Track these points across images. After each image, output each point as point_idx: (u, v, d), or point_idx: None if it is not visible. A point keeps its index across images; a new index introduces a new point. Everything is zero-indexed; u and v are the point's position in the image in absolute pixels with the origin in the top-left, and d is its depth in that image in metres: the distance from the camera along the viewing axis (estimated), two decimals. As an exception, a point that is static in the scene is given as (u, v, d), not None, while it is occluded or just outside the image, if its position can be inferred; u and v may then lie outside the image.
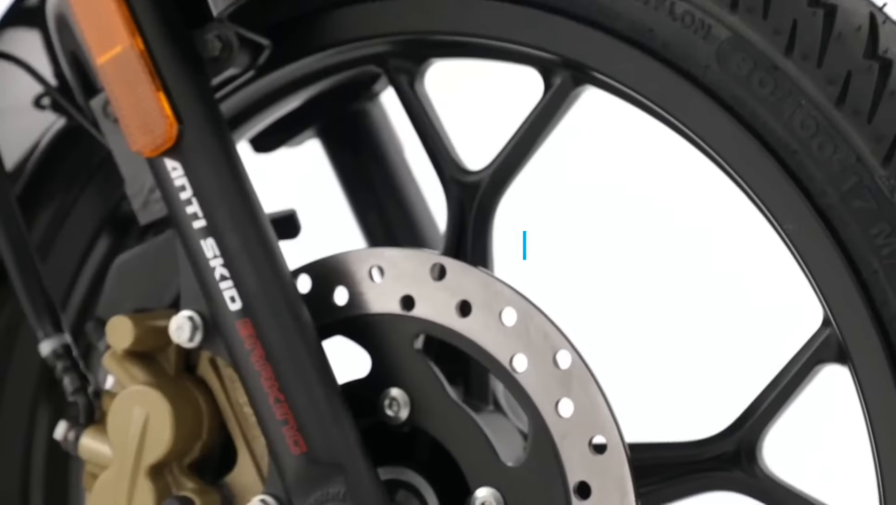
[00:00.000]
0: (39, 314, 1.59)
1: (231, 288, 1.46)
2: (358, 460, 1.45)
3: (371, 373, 1.50)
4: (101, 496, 1.53)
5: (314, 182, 2.03)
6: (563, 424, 1.42)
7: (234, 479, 1.54)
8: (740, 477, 1.42)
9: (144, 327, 1.53)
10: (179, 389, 1.53)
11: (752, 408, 1.43)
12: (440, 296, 1.47)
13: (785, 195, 1.37)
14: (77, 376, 1.58)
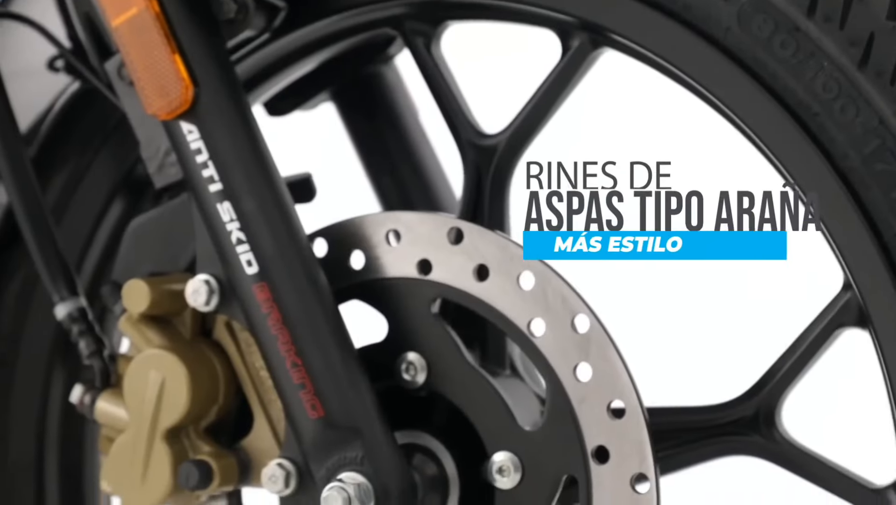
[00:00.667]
0: (55, 277, 1.59)
1: (247, 252, 1.45)
2: (375, 425, 1.44)
3: (388, 337, 1.50)
4: (118, 460, 1.53)
5: (328, 146, 2.02)
6: (581, 388, 1.41)
7: (251, 443, 1.54)
8: (759, 441, 1.42)
9: (160, 291, 1.52)
10: (195, 353, 1.52)
11: (771, 372, 1.42)
12: (457, 260, 1.46)
13: (806, 158, 1.37)
14: (93, 340, 1.58)
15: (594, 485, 1.41)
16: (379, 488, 1.43)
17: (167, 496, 1.52)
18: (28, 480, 1.78)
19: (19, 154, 1.60)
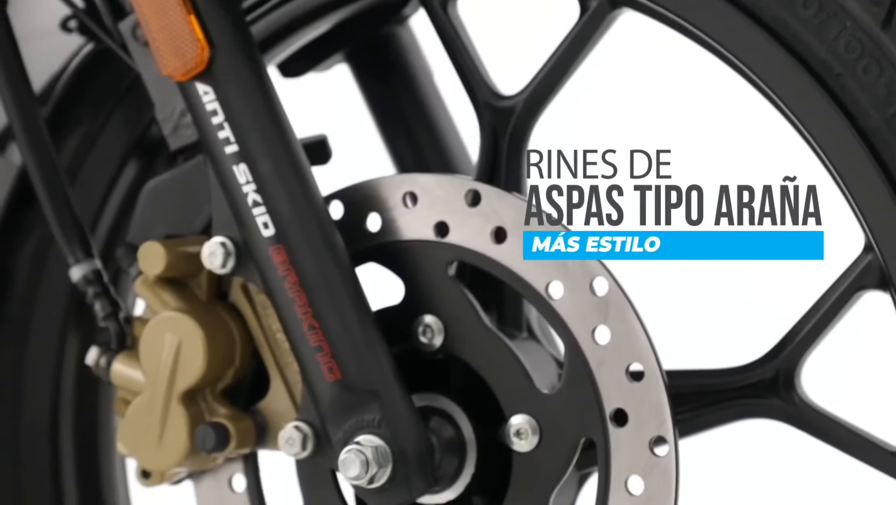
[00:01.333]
0: (69, 239, 1.58)
1: (264, 214, 1.44)
2: (392, 387, 1.44)
3: (404, 300, 1.49)
4: (134, 422, 1.53)
5: (343, 108, 2.01)
6: (599, 351, 1.41)
7: (267, 405, 1.53)
8: (778, 404, 1.41)
9: (176, 253, 1.52)
10: (212, 316, 1.52)
11: (791, 334, 1.42)
12: (474, 222, 1.46)
13: (828, 119, 1.35)
14: (108, 302, 1.57)
15: (612, 448, 1.41)
16: (396, 451, 1.42)
17: (184, 459, 1.51)
18: (43, 442, 1.78)
19: (33, 115, 1.59)
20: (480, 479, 1.49)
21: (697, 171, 1.45)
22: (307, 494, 1.55)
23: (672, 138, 1.52)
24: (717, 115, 2.62)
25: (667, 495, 1.38)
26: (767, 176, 1.39)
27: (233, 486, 1.59)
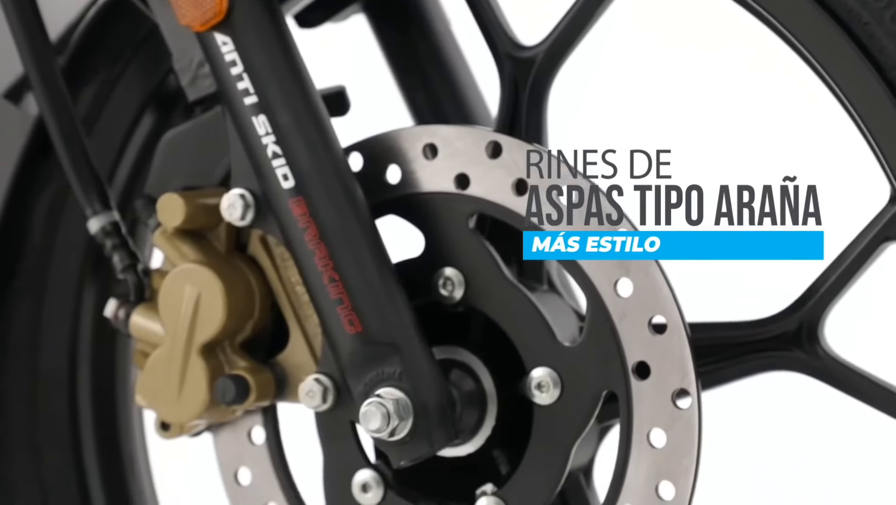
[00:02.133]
0: (87, 191, 1.57)
1: (283, 166, 1.43)
2: (413, 340, 1.43)
3: (424, 252, 1.48)
4: (153, 374, 1.52)
5: (360, 59, 2.00)
6: (622, 303, 1.40)
7: (287, 358, 1.53)
8: (801, 357, 1.40)
9: (195, 205, 1.51)
10: (231, 268, 1.51)
11: (815, 286, 1.41)
12: (495, 174, 1.45)
13: (854, 68, 1.34)
14: (126, 254, 1.57)
15: (635, 401, 1.40)
16: (417, 404, 1.42)
17: (203, 411, 1.51)
18: (61, 393, 1.78)
19: (50, 65, 1.58)
20: (501, 432, 1.49)
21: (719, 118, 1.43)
22: (327, 446, 1.54)
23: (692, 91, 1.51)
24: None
25: (689, 448, 1.38)
26: (768, 174, 1.39)
27: (252, 438, 1.59)
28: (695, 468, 1.38)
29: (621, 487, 1.41)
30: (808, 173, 1.38)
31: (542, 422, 1.44)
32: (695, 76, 2.70)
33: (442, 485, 1.53)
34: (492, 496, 1.46)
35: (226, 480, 1.61)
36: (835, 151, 1.36)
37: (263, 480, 1.59)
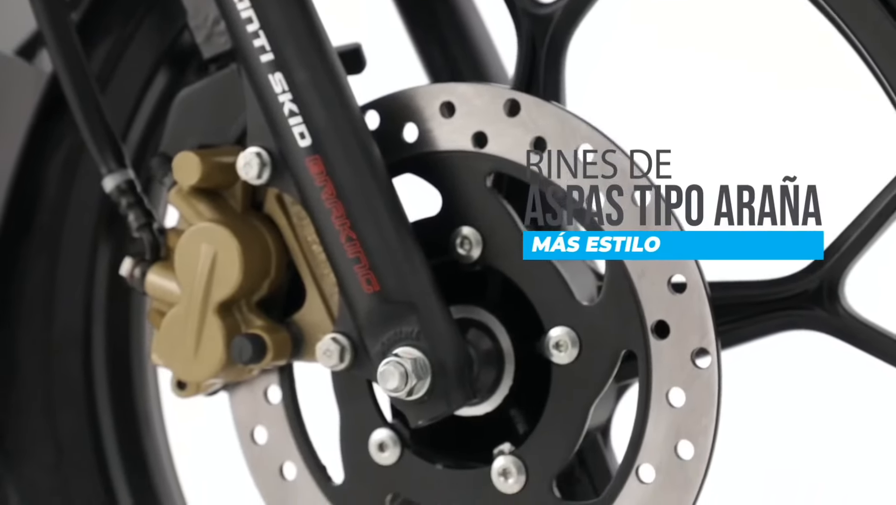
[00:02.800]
0: (102, 149, 1.56)
1: (300, 124, 1.42)
2: (431, 299, 1.43)
3: (442, 211, 1.48)
4: (169, 333, 1.52)
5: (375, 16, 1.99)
6: (641, 262, 1.39)
7: (303, 317, 1.52)
8: (822, 315, 1.39)
9: (211, 163, 1.50)
10: (247, 226, 1.51)
11: (836, 244, 1.40)
12: (514, 132, 1.44)
13: (884, 35, 1.33)
14: (142, 212, 1.56)
15: (654, 360, 1.40)
16: (435, 363, 1.41)
17: (220, 370, 1.51)
18: (76, 351, 1.78)
19: (63, 21, 1.57)
20: (518, 391, 1.49)
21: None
22: (343, 405, 1.54)
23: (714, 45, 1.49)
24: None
25: (709, 408, 1.38)
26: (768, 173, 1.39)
27: (268, 397, 1.59)
28: (714, 428, 1.38)
29: (640, 447, 1.41)
30: (807, 171, 1.38)
31: (560, 381, 1.44)
32: (719, 32, 2.68)
33: (459, 444, 1.53)
34: (509, 456, 1.46)
35: (242, 439, 1.61)
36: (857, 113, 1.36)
37: (279, 439, 1.59)
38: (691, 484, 1.39)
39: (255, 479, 1.60)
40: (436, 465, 1.51)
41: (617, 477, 1.42)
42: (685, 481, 1.39)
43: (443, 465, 1.51)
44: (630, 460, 1.41)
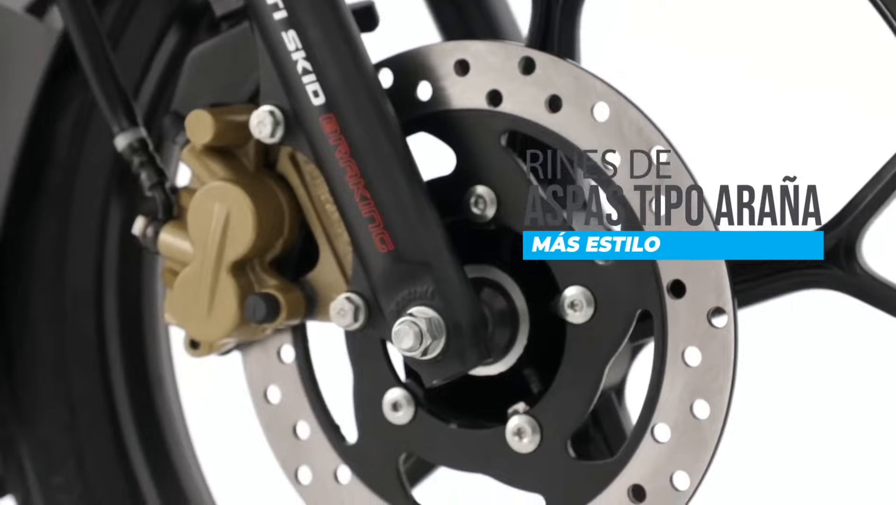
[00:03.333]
0: (114, 107, 1.55)
1: (314, 82, 1.42)
2: (445, 259, 1.42)
3: (456, 170, 1.47)
4: (182, 292, 1.51)
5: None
6: (658, 221, 1.39)
7: (316, 277, 1.52)
8: (838, 274, 1.39)
9: (224, 122, 1.49)
10: (260, 185, 1.50)
11: (853, 203, 1.39)
12: (528, 91, 1.43)
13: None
14: (154, 171, 1.55)
15: (669, 319, 1.39)
16: (450, 323, 1.41)
17: (233, 329, 1.51)
18: (88, 310, 1.77)
19: (74, -22, 1.56)
20: (532, 351, 1.48)
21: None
22: (357, 365, 1.54)
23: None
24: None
25: (725, 367, 1.37)
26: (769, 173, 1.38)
27: (281, 356, 1.58)
28: (730, 387, 1.37)
29: (655, 407, 1.40)
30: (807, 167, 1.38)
31: (574, 341, 1.43)
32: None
33: (473, 404, 1.53)
34: (524, 415, 1.46)
35: (255, 398, 1.60)
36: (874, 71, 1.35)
37: (293, 398, 1.58)
38: (707, 444, 1.38)
39: (269, 438, 1.60)
40: (450, 424, 1.51)
41: (632, 437, 1.42)
42: (701, 441, 1.38)
43: (457, 424, 1.51)
44: (645, 420, 1.41)
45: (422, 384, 1.48)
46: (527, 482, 1.47)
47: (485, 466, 1.49)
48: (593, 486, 1.44)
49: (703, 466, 1.39)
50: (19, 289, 1.77)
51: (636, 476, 1.42)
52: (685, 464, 1.39)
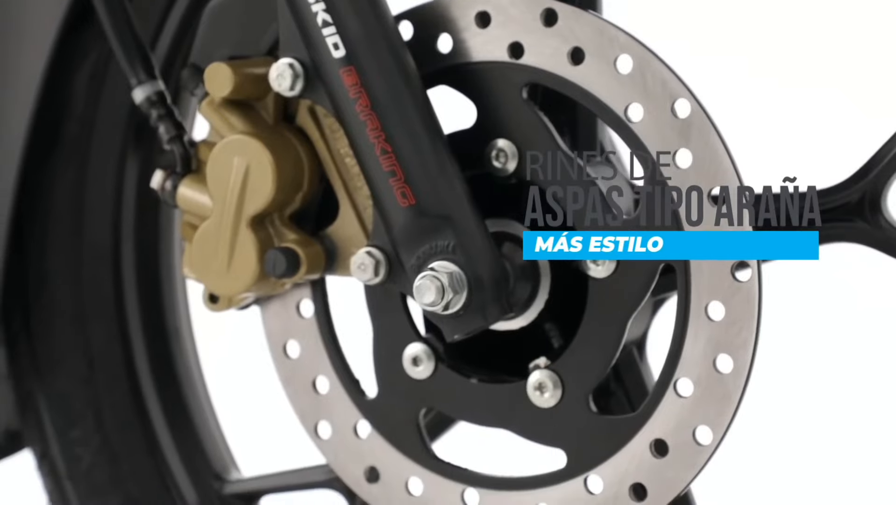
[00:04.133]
0: (132, 60, 1.54)
1: (334, 34, 1.40)
2: (466, 213, 1.41)
3: (476, 124, 1.46)
4: (201, 247, 1.51)
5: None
6: (680, 175, 1.37)
7: (336, 231, 1.51)
8: (863, 227, 1.37)
9: (243, 75, 1.48)
10: (279, 139, 1.49)
11: (879, 155, 1.37)
12: (551, 43, 1.41)
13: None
14: (172, 124, 1.54)
15: (693, 273, 1.38)
16: (471, 277, 1.40)
17: (253, 283, 1.50)
18: (106, 263, 1.77)
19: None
20: (553, 305, 1.47)
21: None
22: (377, 319, 1.53)
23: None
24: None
25: (749, 321, 1.36)
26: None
27: (300, 311, 1.58)
28: (754, 341, 1.36)
29: (678, 361, 1.40)
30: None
31: (596, 295, 1.42)
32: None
33: (493, 359, 1.52)
34: (545, 370, 1.45)
35: (274, 352, 1.60)
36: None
37: (312, 353, 1.58)
38: (730, 398, 1.38)
39: (288, 392, 1.60)
40: (470, 379, 1.50)
41: (654, 391, 1.41)
42: (724, 395, 1.38)
43: (477, 379, 1.50)
44: (668, 374, 1.40)
45: (442, 339, 1.47)
46: (548, 437, 1.47)
47: (505, 421, 1.49)
48: (615, 440, 1.43)
49: (726, 420, 1.38)
50: (36, 241, 1.76)
51: (658, 431, 1.41)
52: (708, 418, 1.39)
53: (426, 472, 1.53)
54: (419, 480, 1.54)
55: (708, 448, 1.39)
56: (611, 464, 1.44)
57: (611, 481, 1.44)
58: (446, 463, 1.53)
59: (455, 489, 1.52)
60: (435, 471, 1.53)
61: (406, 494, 1.54)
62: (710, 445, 1.39)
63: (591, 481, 1.45)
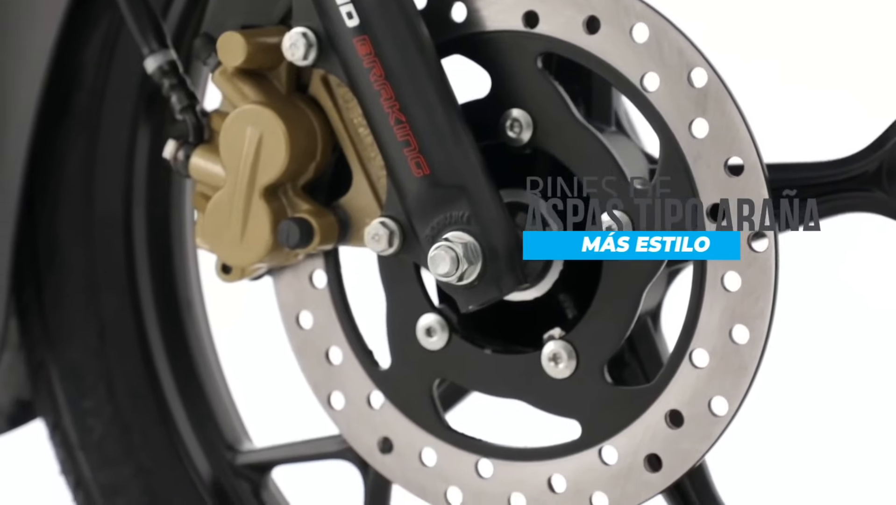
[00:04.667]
0: (143, 29, 1.53)
1: (347, 3, 1.39)
2: (481, 183, 1.40)
3: (491, 93, 1.45)
4: (214, 217, 1.50)
5: None
6: (696, 144, 1.36)
7: (349, 201, 1.51)
8: (881, 197, 1.37)
9: (256, 44, 1.47)
10: (292, 109, 1.48)
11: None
12: (566, 11, 1.40)
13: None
14: (185, 94, 1.53)
15: (709, 245, 1.37)
16: (486, 247, 1.39)
17: (266, 254, 1.49)
18: (117, 235, 1.76)
19: None
20: (568, 276, 1.47)
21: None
22: (390, 290, 1.53)
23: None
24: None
25: (765, 291, 1.35)
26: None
27: (313, 281, 1.57)
28: (770, 311, 1.36)
29: (693, 332, 1.39)
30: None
31: (611, 266, 1.42)
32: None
33: (507, 329, 1.52)
34: (559, 340, 1.45)
35: (287, 323, 1.60)
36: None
37: (325, 323, 1.58)
38: (746, 369, 1.37)
39: (301, 363, 1.60)
40: (484, 350, 1.50)
41: (670, 362, 1.41)
42: (740, 366, 1.37)
43: (491, 350, 1.50)
44: (683, 345, 1.40)
45: (456, 309, 1.47)
46: (562, 408, 1.46)
47: (519, 392, 1.48)
48: (630, 411, 1.43)
49: (742, 391, 1.38)
50: (47, 211, 1.76)
51: (674, 401, 1.41)
52: (724, 389, 1.38)
53: (440, 442, 1.53)
54: (433, 450, 1.53)
55: (723, 419, 1.39)
56: (626, 435, 1.43)
57: (625, 452, 1.43)
58: (460, 434, 1.52)
59: (469, 460, 1.52)
60: (448, 441, 1.52)
61: (419, 464, 1.54)
62: (725, 416, 1.39)
63: (606, 452, 1.45)
